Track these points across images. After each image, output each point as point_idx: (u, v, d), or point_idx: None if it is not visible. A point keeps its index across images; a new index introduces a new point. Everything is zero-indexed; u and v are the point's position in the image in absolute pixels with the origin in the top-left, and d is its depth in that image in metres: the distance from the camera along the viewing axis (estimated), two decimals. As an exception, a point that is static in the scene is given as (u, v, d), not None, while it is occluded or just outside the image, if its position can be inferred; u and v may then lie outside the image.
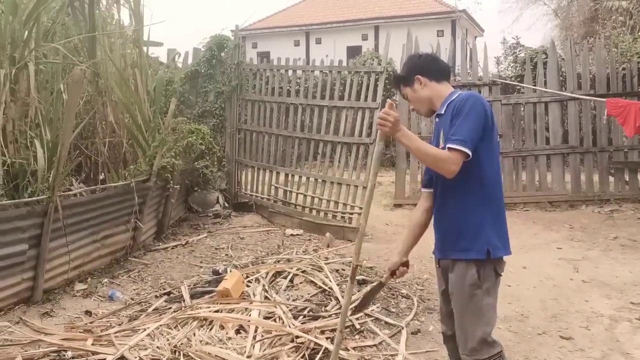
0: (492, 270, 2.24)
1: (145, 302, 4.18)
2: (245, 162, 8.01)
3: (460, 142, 2.11)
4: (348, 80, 7.07)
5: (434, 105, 2.39)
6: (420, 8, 21.52)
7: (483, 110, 2.20)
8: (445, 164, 2.13)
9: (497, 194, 2.30)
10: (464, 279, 2.23)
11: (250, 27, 23.78)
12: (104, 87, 6.04)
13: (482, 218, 2.23)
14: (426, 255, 5.64)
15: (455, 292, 2.29)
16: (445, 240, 2.35)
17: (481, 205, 2.24)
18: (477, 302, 2.22)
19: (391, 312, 3.98)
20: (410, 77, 2.40)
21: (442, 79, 2.40)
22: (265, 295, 4.00)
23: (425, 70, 2.38)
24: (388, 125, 2.16)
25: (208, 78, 8.48)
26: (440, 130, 2.33)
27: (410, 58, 2.53)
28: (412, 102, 2.46)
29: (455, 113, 2.21)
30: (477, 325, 2.22)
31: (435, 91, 2.37)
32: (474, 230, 2.23)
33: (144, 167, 5.73)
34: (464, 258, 2.25)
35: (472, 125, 2.15)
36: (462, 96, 2.26)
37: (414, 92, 2.40)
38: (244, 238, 6.31)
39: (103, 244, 4.99)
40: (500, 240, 2.25)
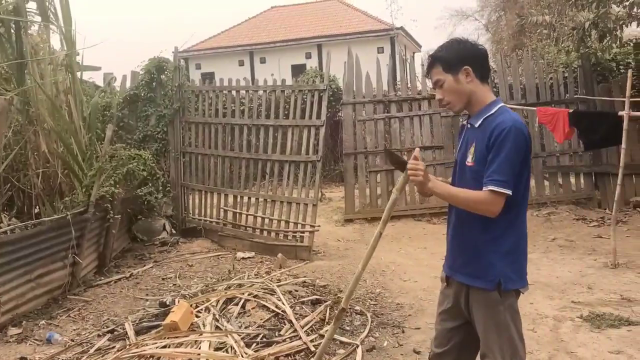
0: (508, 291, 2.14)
1: (86, 343, 3.93)
2: (192, 185, 7.82)
3: (502, 183, 2.00)
4: (292, 99, 7.07)
5: (471, 105, 2.19)
6: (360, 26, 22.03)
7: (524, 144, 2.06)
8: (488, 206, 2.03)
9: (520, 222, 2.17)
10: (483, 299, 2.14)
11: (192, 48, 23.51)
12: (35, 116, 5.76)
13: (501, 248, 2.11)
14: (378, 269, 5.69)
15: (475, 311, 2.18)
16: (455, 260, 2.26)
17: (503, 233, 2.12)
18: (500, 318, 2.11)
19: (346, 331, 3.94)
20: (457, 65, 2.14)
21: (485, 80, 2.19)
22: (216, 324, 3.85)
23: (477, 64, 2.15)
24: (420, 175, 2.05)
25: (148, 101, 8.27)
26: (470, 144, 2.17)
27: (460, 42, 2.21)
28: (447, 92, 2.18)
29: (495, 142, 2.04)
30: (502, 341, 2.12)
31: (478, 91, 2.16)
32: (488, 259, 2.12)
33: (81, 198, 5.46)
34: (473, 285, 2.17)
35: (514, 162, 2.03)
36: (504, 122, 2.06)
37: (457, 83, 2.14)
38: (192, 265, 6.11)
39: (38, 283, 4.68)
40: (516, 272, 2.13)
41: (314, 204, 6.60)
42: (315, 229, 6.46)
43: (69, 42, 6.56)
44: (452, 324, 2.31)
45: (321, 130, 6.69)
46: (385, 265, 5.88)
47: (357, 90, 8.65)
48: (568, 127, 6.64)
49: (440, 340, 2.36)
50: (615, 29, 7.57)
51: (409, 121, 8.62)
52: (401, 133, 8.66)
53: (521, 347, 2.17)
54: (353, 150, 8.63)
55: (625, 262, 5.50)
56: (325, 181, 12.02)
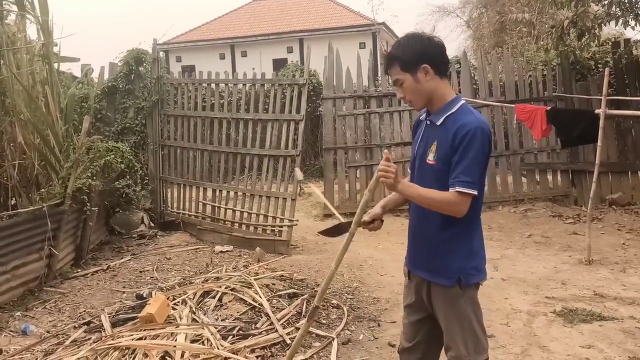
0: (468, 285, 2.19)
1: (62, 334, 3.91)
2: (171, 179, 7.77)
3: (470, 184, 2.03)
4: (272, 93, 7.07)
5: (432, 103, 2.17)
6: (342, 21, 22.06)
7: (489, 145, 2.10)
8: (454, 206, 2.05)
9: (477, 219, 2.21)
10: (443, 293, 2.19)
11: (173, 40, 23.28)
12: (10, 107, 5.67)
13: (461, 245, 2.16)
14: (355, 263, 5.76)
15: (436, 305, 2.22)
16: (416, 256, 2.30)
17: (464, 231, 2.16)
18: (461, 311, 2.16)
19: (322, 324, 3.98)
20: (415, 63, 2.10)
21: (444, 75, 2.17)
22: (192, 317, 3.86)
23: (435, 61, 2.11)
24: (391, 177, 2.05)
25: (127, 93, 8.19)
26: (431, 142, 2.16)
27: (417, 38, 2.16)
28: (407, 91, 2.16)
29: (461, 143, 2.04)
30: (464, 333, 2.17)
31: (438, 88, 2.14)
32: (446, 256, 2.16)
33: (57, 190, 5.40)
34: (433, 280, 2.20)
35: (481, 163, 2.07)
36: (470, 123, 2.06)
37: (416, 82, 2.12)
38: (170, 258, 6.09)
39: (13, 274, 4.64)
40: (475, 267, 2.19)
41: (293, 198, 6.62)
42: (293, 223, 6.49)
43: (46, 32, 6.46)
44: (417, 316, 2.35)
45: (300, 124, 6.71)
46: (363, 259, 5.94)
47: (338, 85, 8.68)
48: (545, 125, 6.76)
49: (407, 334, 2.40)
50: (593, 28, 7.69)
51: (388, 117, 8.69)
52: (381, 128, 8.72)
53: (484, 338, 2.23)
54: (333, 145, 8.67)
55: (599, 259, 5.63)
56: (305, 176, 12.04)
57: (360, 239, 6.95)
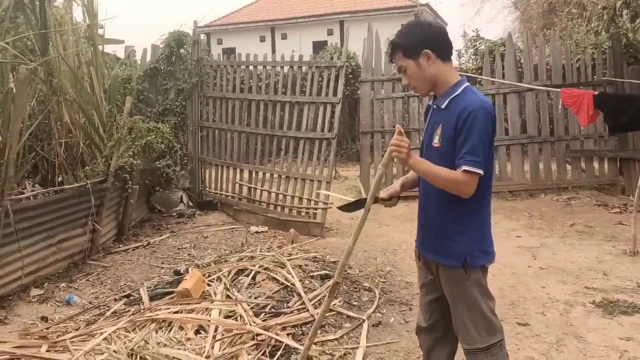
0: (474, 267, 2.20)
1: (103, 306, 4.09)
2: (209, 160, 7.92)
3: (476, 164, 2.03)
4: (309, 75, 7.06)
5: (436, 87, 2.20)
6: (384, 3, 21.66)
7: (492, 125, 2.10)
8: (462, 186, 2.06)
9: (485, 201, 2.22)
10: (450, 274, 2.22)
11: (214, 22, 23.47)
12: (58, 87, 5.88)
13: (468, 227, 2.17)
14: (389, 247, 5.73)
15: (443, 286, 2.26)
16: (425, 237, 2.32)
17: (471, 213, 2.17)
18: (467, 294, 2.19)
19: (353, 306, 4.00)
20: (416, 49, 2.14)
21: (448, 59, 2.19)
22: (226, 294, 3.96)
23: (436, 45, 2.14)
24: (404, 152, 2.05)
25: (168, 75, 8.34)
26: (437, 125, 2.19)
27: (417, 25, 2.22)
28: (411, 77, 2.20)
29: (464, 124, 2.06)
30: (473, 315, 2.20)
31: (442, 72, 2.16)
32: (453, 237, 2.18)
33: (101, 168, 5.60)
34: (440, 262, 2.23)
35: (485, 142, 2.08)
36: (472, 104, 2.07)
37: (418, 68, 2.15)
38: (207, 237, 6.24)
39: (59, 247, 4.86)
40: (482, 250, 2.20)
41: (328, 181, 6.63)
42: (328, 206, 6.50)
43: (91, 14, 6.64)
44: (432, 296, 2.38)
45: (337, 107, 6.68)
46: (397, 244, 5.91)
47: (376, 68, 8.57)
48: (592, 110, 6.50)
49: (424, 314, 2.44)
50: (649, 9, 7.28)
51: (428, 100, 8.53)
52: (420, 112, 8.59)
53: (495, 319, 2.24)
54: (370, 129, 8.60)
55: (645, 250, 5.41)
56: (342, 159, 12.04)
57: (395, 223, 6.94)
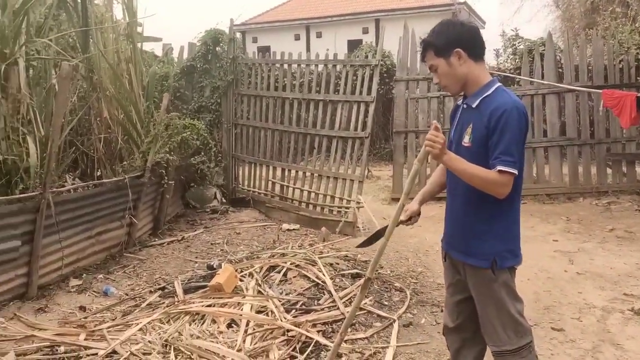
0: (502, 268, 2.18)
1: (139, 298, 4.20)
2: (242, 157, 8.01)
3: (511, 164, 2.01)
4: (343, 74, 7.05)
5: (467, 87, 2.18)
6: (421, 1, 21.41)
7: (525, 125, 2.08)
8: (497, 187, 2.03)
9: (515, 202, 2.19)
10: (477, 275, 2.20)
11: (249, 21, 23.69)
12: (98, 83, 6.04)
13: (494, 226, 2.15)
14: (421, 248, 5.68)
15: (471, 287, 2.25)
16: (452, 237, 2.31)
17: (499, 212, 2.15)
18: (495, 295, 2.17)
19: (384, 305, 3.98)
20: (448, 48, 2.13)
21: (480, 58, 2.17)
22: (258, 289, 4.00)
23: (468, 45, 2.13)
24: (438, 147, 2.02)
25: (204, 73, 8.46)
26: (467, 125, 2.17)
27: (449, 24, 2.21)
28: (442, 76, 2.19)
29: (497, 124, 2.03)
30: (501, 317, 2.18)
31: (473, 72, 2.15)
32: (481, 237, 2.16)
33: (138, 163, 5.74)
34: (468, 262, 2.22)
35: (519, 142, 2.06)
36: (505, 103, 2.05)
37: (449, 67, 2.14)
38: (240, 233, 6.32)
39: (98, 240, 5.00)
40: (510, 251, 2.18)
41: (360, 180, 6.61)
42: (360, 206, 6.48)
43: (131, 11, 6.80)
44: (459, 297, 2.37)
45: (371, 106, 6.65)
46: (430, 245, 5.84)
47: (412, 67, 8.49)
48: (635, 112, 6.29)
49: (451, 314, 2.43)
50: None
51: (463, 100, 8.40)
52: (455, 112, 8.45)
53: (524, 321, 2.21)
54: (404, 128, 8.53)
55: (689, 258, 5.20)
56: (375, 159, 11.98)
57: (427, 224, 6.83)
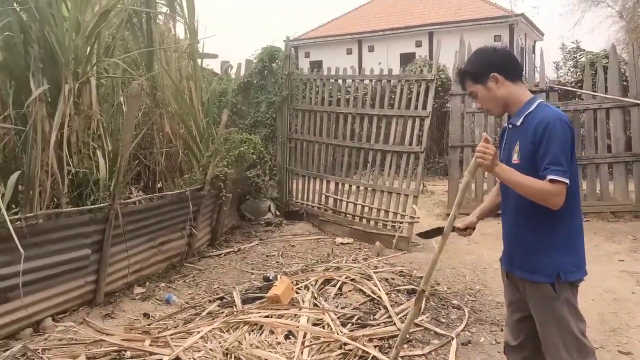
0: (567, 283, 2.14)
1: (199, 306, 4.32)
2: (296, 170, 8.13)
3: (561, 173, 2.01)
4: (398, 89, 7.05)
5: (509, 107, 2.24)
6: (476, 13, 21.09)
7: (571, 135, 2.09)
8: (550, 196, 2.03)
9: (574, 213, 2.17)
10: (539, 293, 2.17)
11: (302, 37, 24.10)
12: (160, 99, 6.32)
13: (556, 239, 2.13)
14: (479, 266, 5.56)
15: (532, 305, 2.21)
16: (513, 255, 2.28)
17: (556, 225, 2.12)
18: (557, 314, 2.13)
19: (441, 323, 3.92)
20: (484, 74, 2.22)
21: (517, 79, 2.24)
22: (314, 302, 4.04)
23: (503, 68, 2.21)
24: (489, 159, 2.06)
25: (260, 89, 8.70)
26: (514, 143, 2.20)
27: (482, 52, 2.31)
28: (482, 101, 2.28)
29: (543, 136, 2.06)
30: (563, 336, 2.13)
31: (512, 93, 2.22)
32: (544, 252, 2.13)
33: (198, 176, 5.94)
34: (532, 280, 2.18)
35: (567, 152, 2.06)
36: (548, 116, 2.08)
37: (488, 91, 2.23)
38: (294, 246, 6.40)
39: (160, 249, 5.20)
40: (574, 263, 2.14)
41: (415, 195, 6.57)
42: (415, 220, 6.42)
43: (192, 31, 7.08)
44: (519, 315, 2.33)
45: (426, 121, 6.61)
46: (488, 263, 5.71)
47: (467, 81, 8.36)
48: None
49: (512, 332, 2.40)
50: None
51: (521, 114, 8.19)
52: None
53: (588, 343, 2.15)
54: (460, 143, 8.41)
55: None
56: (429, 174, 11.85)
57: (485, 241, 6.71)
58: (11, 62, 4.55)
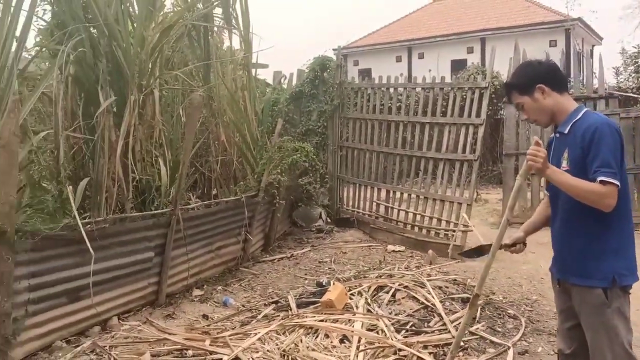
0: (619, 289, 2.14)
1: (255, 309, 4.45)
2: (347, 178, 8.19)
3: (611, 174, 2.05)
4: (451, 96, 6.99)
5: (556, 117, 2.30)
6: (530, 18, 20.54)
7: (619, 138, 2.13)
8: (603, 198, 2.06)
9: (626, 218, 2.20)
10: (590, 300, 2.16)
11: (351, 45, 24.22)
12: (216, 109, 6.55)
13: (608, 243, 2.14)
14: (536, 276, 5.42)
15: (583, 314, 2.20)
16: (565, 262, 2.29)
17: (607, 229, 2.14)
18: (608, 322, 2.12)
19: (497, 332, 3.86)
20: (530, 86, 2.29)
21: (563, 89, 2.32)
22: (367, 308, 4.07)
23: (548, 79, 2.28)
24: (540, 162, 2.11)
25: (311, 98, 8.82)
26: (563, 150, 2.25)
27: (528, 65, 2.42)
28: (530, 112, 2.34)
29: (591, 141, 2.10)
30: (613, 347, 2.12)
31: (559, 103, 2.28)
32: (597, 257, 2.14)
33: (252, 183, 6.10)
34: (586, 285, 2.17)
35: (616, 155, 2.10)
36: (595, 122, 2.14)
37: (535, 102, 2.30)
38: (346, 252, 6.45)
39: (217, 254, 5.38)
40: (627, 267, 2.15)
41: (469, 203, 6.48)
42: (468, 229, 6.33)
43: (247, 43, 7.31)
44: (571, 323, 2.31)
45: (480, 129, 6.52)
46: (545, 272, 5.50)
47: (522, 87, 8.18)
48: None
49: (564, 341, 2.38)
50: None
51: (580, 121, 7.93)
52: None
53: (635, 357, 2.13)
54: (514, 150, 8.22)
55: None
56: (482, 182, 11.63)
57: (541, 251, 6.49)
58: (82, 75, 4.85)
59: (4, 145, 3.27)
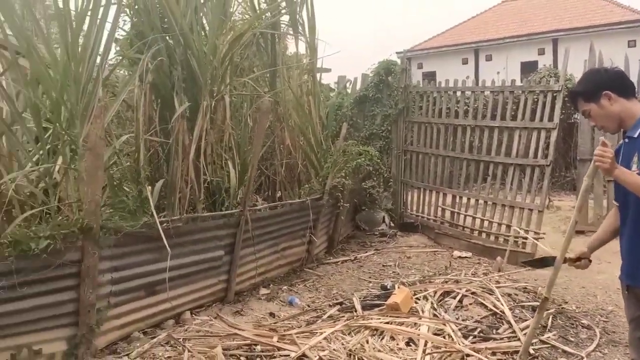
0: None
1: (320, 310, 4.52)
2: (411, 182, 8.12)
3: None
4: (522, 100, 6.76)
5: (624, 123, 2.29)
6: (606, 17, 19.48)
7: None
8: None
9: None
10: None
11: (415, 48, 23.93)
12: (282, 114, 6.70)
13: None
14: (612, 286, 5.14)
15: None
16: (634, 267, 2.24)
17: None
18: None
19: (569, 341, 3.71)
20: (596, 93, 2.30)
21: (631, 96, 2.31)
22: (433, 312, 4.03)
23: (614, 86, 2.29)
24: (607, 162, 2.12)
25: (375, 102, 8.84)
26: (633, 154, 2.23)
27: (593, 72, 2.45)
28: (597, 118, 2.35)
29: None
30: None
31: (626, 108, 2.28)
32: None
33: (317, 186, 6.19)
34: None
35: None
36: None
37: (601, 109, 2.30)
38: (410, 257, 6.40)
39: (282, 254, 5.51)
40: None
41: (540, 210, 6.25)
42: (540, 237, 6.11)
43: (313, 49, 7.43)
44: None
45: (553, 133, 6.28)
46: (622, 283, 5.26)
47: (598, 89, 7.79)
48: None
49: (636, 350, 2.32)
50: None
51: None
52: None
53: None
54: (589, 156, 7.81)
55: None
56: (554, 188, 11.15)
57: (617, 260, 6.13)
58: (159, 82, 5.13)
59: (91, 148, 3.53)
